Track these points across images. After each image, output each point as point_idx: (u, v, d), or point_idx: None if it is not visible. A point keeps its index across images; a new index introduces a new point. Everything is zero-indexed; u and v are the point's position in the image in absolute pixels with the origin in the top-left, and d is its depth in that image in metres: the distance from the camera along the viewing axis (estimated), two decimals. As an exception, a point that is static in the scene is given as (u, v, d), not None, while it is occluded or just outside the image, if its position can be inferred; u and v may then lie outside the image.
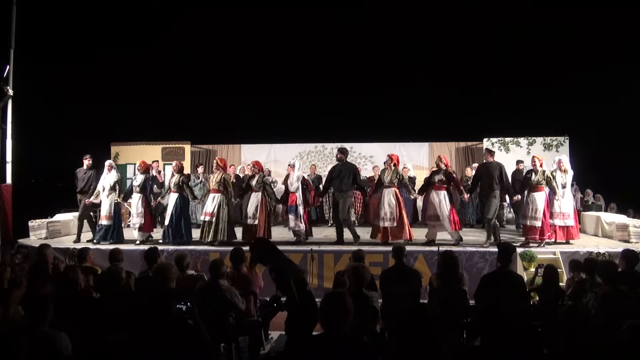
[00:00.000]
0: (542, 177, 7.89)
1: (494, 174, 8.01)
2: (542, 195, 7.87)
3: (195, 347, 3.00)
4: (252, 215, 8.26)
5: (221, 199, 8.20)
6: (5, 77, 8.98)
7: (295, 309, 4.25)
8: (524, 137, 12.44)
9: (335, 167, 8.39)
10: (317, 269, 7.56)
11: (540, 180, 7.88)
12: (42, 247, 5.98)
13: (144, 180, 8.54)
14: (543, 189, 7.87)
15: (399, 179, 8.13)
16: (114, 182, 8.42)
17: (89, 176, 8.89)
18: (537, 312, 4.63)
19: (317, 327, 2.85)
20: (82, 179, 8.90)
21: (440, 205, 7.98)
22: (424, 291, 5.35)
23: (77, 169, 9.07)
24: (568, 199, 8.08)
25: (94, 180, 8.77)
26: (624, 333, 2.63)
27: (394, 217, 7.99)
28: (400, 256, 5.14)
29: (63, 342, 3.14)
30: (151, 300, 3.14)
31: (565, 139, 12.32)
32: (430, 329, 2.73)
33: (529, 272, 6.82)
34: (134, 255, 7.50)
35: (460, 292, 4.45)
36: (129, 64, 11.90)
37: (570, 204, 8.09)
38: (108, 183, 8.41)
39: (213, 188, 8.28)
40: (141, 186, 8.50)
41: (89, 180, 8.86)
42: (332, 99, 12.65)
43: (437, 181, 8.09)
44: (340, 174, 8.22)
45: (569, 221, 7.99)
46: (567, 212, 7.96)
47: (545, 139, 12.35)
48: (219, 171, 8.36)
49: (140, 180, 8.53)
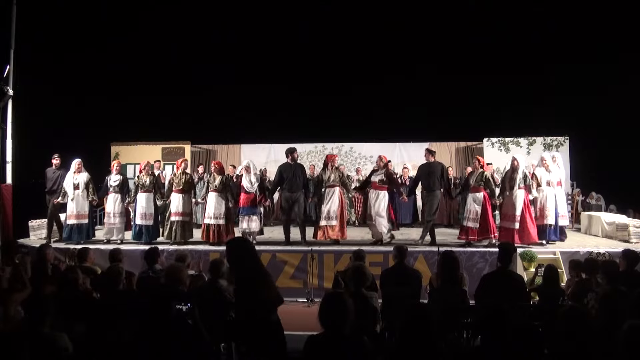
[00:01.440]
0: (481, 178, 7.94)
1: (435, 173, 8.09)
2: (480, 196, 7.88)
3: (196, 347, 3.01)
4: (214, 216, 8.29)
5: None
6: (5, 77, 8.98)
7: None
8: (524, 137, 12.44)
9: (285, 167, 8.42)
10: (317, 269, 7.57)
11: (479, 181, 7.93)
12: (42, 247, 5.98)
13: (121, 180, 8.71)
14: (482, 190, 7.89)
15: (340, 179, 8.23)
16: (85, 181, 8.52)
17: (57, 176, 8.84)
18: (537, 312, 4.63)
19: (317, 327, 2.84)
20: (51, 179, 8.84)
21: (379, 204, 8.08)
22: (424, 291, 5.35)
23: (46, 168, 8.99)
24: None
25: (62, 180, 8.74)
26: (624, 333, 2.63)
27: (336, 215, 8.09)
28: (402, 256, 5.15)
29: (63, 342, 3.15)
30: (151, 300, 3.14)
31: (565, 139, 12.31)
32: (430, 329, 2.73)
33: (529, 272, 6.82)
34: (134, 256, 7.51)
35: (460, 292, 4.45)
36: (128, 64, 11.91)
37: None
38: (81, 182, 8.49)
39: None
40: (119, 186, 8.66)
41: (57, 180, 8.81)
42: (332, 99, 12.64)
43: (378, 181, 8.19)
44: (291, 174, 8.27)
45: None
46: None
47: (545, 139, 12.34)
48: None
49: (118, 181, 8.67)
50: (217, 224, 8.23)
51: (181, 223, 8.34)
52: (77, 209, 8.46)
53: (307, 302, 7.36)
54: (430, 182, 8.10)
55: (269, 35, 12.06)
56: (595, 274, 4.90)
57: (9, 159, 9.24)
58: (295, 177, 8.23)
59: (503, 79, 11.87)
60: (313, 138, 13.56)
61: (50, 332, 3.17)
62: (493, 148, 12.38)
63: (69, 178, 8.54)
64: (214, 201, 8.29)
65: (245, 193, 8.41)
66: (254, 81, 12.49)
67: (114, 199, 8.66)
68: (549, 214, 7.98)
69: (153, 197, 8.57)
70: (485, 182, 7.90)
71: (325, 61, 12.30)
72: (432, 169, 8.15)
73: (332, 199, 8.17)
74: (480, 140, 12.92)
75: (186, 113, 12.71)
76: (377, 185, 8.20)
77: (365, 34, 12.16)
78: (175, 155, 12.75)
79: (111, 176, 8.80)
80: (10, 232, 8.85)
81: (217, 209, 8.25)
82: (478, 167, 8.03)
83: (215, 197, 8.32)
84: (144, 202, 8.47)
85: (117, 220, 8.63)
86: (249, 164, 8.65)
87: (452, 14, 11.55)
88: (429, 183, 8.12)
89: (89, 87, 11.49)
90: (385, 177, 8.20)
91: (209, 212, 8.30)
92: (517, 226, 7.73)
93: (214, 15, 11.69)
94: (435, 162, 8.28)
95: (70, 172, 8.59)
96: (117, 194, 8.66)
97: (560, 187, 8.19)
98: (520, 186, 7.77)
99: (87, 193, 8.53)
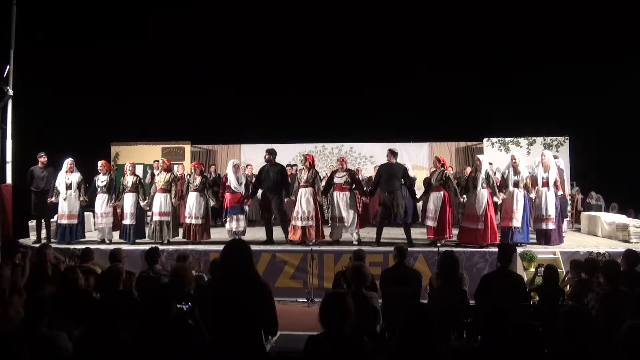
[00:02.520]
0: (441, 177, 7.92)
1: (397, 174, 8.08)
2: (440, 195, 7.85)
3: (196, 347, 3.00)
4: (194, 215, 8.36)
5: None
6: (5, 77, 8.98)
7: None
8: (524, 137, 12.44)
9: (262, 168, 8.49)
10: (317, 269, 7.57)
11: (439, 180, 7.92)
12: (42, 247, 6.00)
13: (109, 180, 8.76)
14: (442, 189, 7.87)
15: (313, 178, 8.21)
16: (78, 181, 8.54)
17: (46, 175, 8.74)
18: (537, 312, 4.63)
19: (317, 327, 2.84)
20: (39, 177, 8.72)
21: (344, 206, 8.10)
22: (424, 291, 5.35)
23: (31, 167, 8.84)
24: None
25: (52, 179, 8.71)
26: (623, 333, 2.63)
27: (311, 216, 8.08)
28: (402, 256, 5.15)
29: (63, 342, 3.14)
30: (151, 300, 3.14)
31: (565, 139, 12.32)
32: (430, 329, 2.73)
33: (529, 272, 6.82)
34: (134, 256, 7.52)
35: (460, 292, 4.46)
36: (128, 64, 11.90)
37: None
38: (74, 182, 8.50)
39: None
40: (107, 186, 8.72)
41: (46, 178, 8.72)
42: (332, 99, 12.62)
43: (344, 182, 8.21)
44: (266, 175, 8.32)
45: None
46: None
47: (545, 139, 12.35)
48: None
49: (106, 181, 8.72)
50: (197, 224, 8.35)
51: (164, 223, 8.40)
52: (69, 209, 8.48)
53: (307, 302, 7.37)
54: (391, 183, 8.05)
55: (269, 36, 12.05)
56: (596, 274, 4.90)
57: (9, 159, 9.24)
58: (269, 178, 8.28)
59: (503, 79, 11.86)
60: (313, 138, 13.56)
61: (50, 331, 3.17)
62: (493, 148, 12.38)
63: (61, 177, 8.53)
64: (195, 201, 8.39)
65: (231, 193, 8.45)
66: (254, 81, 12.48)
67: (101, 199, 8.72)
68: (515, 216, 7.79)
69: (137, 198, 8.57)
70: (445, 181, 7.89)
71: (326, 61, 12.30)
72: (393, 170, 8.14)
73: (304, 199, 8.14)
74: (480, 140, 12.92)
75: (186, 113, 12.70)
76: (342, 186, 8.21)
77: (365, 33, 12.16)
78: (175, 155, 12.77)
79: (99, 176, 8.81)
80: (10, 232, 8.85)
81: (197, 208, 8.36)
82: (439, 166, 8.05)
83: (196, 197, 8.42)
84: (128, 203, 8.54)
85: (104, 221, 8.69)
86: (237, 163, 8.68)
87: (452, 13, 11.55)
88: (389, 184, 8.06)
89: (89, 87, 11.47)
90: (349, 178, 8.25)
91: (190, 211, 8.40)
92: (481, 226, 7.69)
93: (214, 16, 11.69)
94: (396, 163, 8.26)
95: (62, 171, 8.58)
96: (105, 194, 8.73)
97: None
98: (483, 186, 7.74)
99: (79, 193, 8.55)
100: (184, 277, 4.11)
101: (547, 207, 7.86)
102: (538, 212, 7.98)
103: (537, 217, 8.01)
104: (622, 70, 11.08)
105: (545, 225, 7.89)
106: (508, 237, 7.82)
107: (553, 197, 7.90)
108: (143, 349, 2.97)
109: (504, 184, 7.97)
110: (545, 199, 7.87)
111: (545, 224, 7.89)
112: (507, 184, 7.91)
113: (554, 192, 7.92)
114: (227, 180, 8.61)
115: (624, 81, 10.91)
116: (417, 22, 11.90)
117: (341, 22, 11.85)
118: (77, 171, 8.70)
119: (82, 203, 8.63)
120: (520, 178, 7.86)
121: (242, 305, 2.90)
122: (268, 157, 8.45)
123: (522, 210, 7.84)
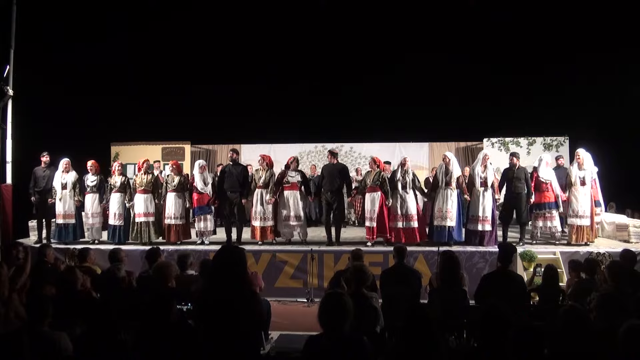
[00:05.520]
0: (377, 178, 8.01)
1: (337, 174, 8.22)
2: (376, 196, 7.95)
3: (196, 347, 3.00)
4: (174, 216, 8.36)
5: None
6: (5, 77, 8.98)
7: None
8: (524, 137, 12.45)
9: (226, 168, 8.57)
10: (317, 269, 7.58)
11: (375, 181, 8.00)
12: (42, 247, 6.00)
13: (99, 180, 8.76)
14: (379, 190, 7.95)
15: (269, 179, 8.32)
16: (73, 181, 8.52)
17: (47, 175, 8.72)
18: (537, 312, 4.64)
19: (317, 327, 2.84)
20: (41, 177, 8.70)
21: (293, 205, 8.18)
22: (424, 291, 5.35)
23: (35, 167, 8.81)
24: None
25: (52, 179, 8.69)
26: (623, 333, 2.63)
27: (267, 216, 8.23)
28: (402, 256, 5.15)
29: (63, 342, 3.15)
30: (152, 300, 3.14)
31: (565, 139, 12.33)
32: (430, 329, 2.73)
33: (529, 272, 6.83)
34: (134, 255, 7.52)
35: (460, 292, 4.46)
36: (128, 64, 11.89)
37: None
38: (69, 182, 8.49)
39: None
40: (97, 186, 8.72)
41: (48, 178, 8.70)
42: (332, 99, 12.60)
43: (297, 182, 8.28)
44: (229, 175, 8.38)
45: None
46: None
47: (545, 139, 12.36)
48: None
49: (96, 181, 8.71)
50: (177, 224, 8.36)
51: (147, 224, 8.39)
52: (65, 208, 8.48)
53: (307, 302, 7.37)
54: (333, 183, 8.20)
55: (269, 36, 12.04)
56: (595, 274, 4.91)
57: (9, 159, 9.25)
58: (231, 178, 8.36)
59: (503, 79, 11.84)
60: (313, 138, 13.55)
61: (50, 331, 3.18)
62: (493, 148, 12.38)
63: (57, 177, 8.53)
64: (173, 201, 8.39)
65: (197, 193, 8.47)
66: (254, 81, 12.46)
67: (91, 199, 8.73)
68: (450, 216, 7.78)
69: (123, 198, 8.55)
70: (382, 182, 7.99)
71: (326, 61, 12.29)
72: (334, 170, 8.30)
73: (261, 200, 8.28)
74: (480, 140, 12.93)
75: (186, 113, 12.69)
76: (294, 186, 8.27)
77: (365, 33, 12.15)
78: (175, 155, 12.77)
79: (88, 176, 8.79)
80: (10, 232, 8.86)
81: (176, 209, 8.36)
82: (375, 167, 8.14)
83: (174, 197, 8.41)
84: (115, 203, 8.52)
85: (93, 221, 8.68)
86: (203, 164, 8.71)
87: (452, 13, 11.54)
88: (332, 184, 8.21)
89: (89, 87, 11.46)
90: (301, 178, 8.36)
91: (169, 212, 8.38)
92: (417, 225, 7.89)
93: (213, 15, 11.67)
94: (337, 163, 8.44)
95: (58, 171, 8.57)
96: (95, 194, 8.74)
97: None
98: (405, 187, 7.90)
99: (74, 193, 8.55)
100: (165, 272, 4.12)
101: (484, 208, 7.74)
102: (473, 212, 7.89)
103: (471, 218, 7.93)
104: (622, 71, 11.07)
105: (481, 226, 7.75)
106: (444, 237, 7.84)
107: (491, 198, 7.81)
108: (143, 349, 2.97)
109: (436, 183, 8.06)
110: (483, 200, 7.77)
111: (482, 225, 7.75)
112: (438, 183, 7.99)
113: (491, 193, 7.83)
114: (194, 181, 8.58)
115: (625, 81, 10.90)
116: (417, 22, 11.90)
117: (340, 22, 11.84)
118: (73, 171, 8.65)
119: (76, 203, 8.58)
120: (451, 177, 7.89)
121: (232, 307, 2.83)
122: (235, 156, 8.56)
123: (456, 210, 7.87)
